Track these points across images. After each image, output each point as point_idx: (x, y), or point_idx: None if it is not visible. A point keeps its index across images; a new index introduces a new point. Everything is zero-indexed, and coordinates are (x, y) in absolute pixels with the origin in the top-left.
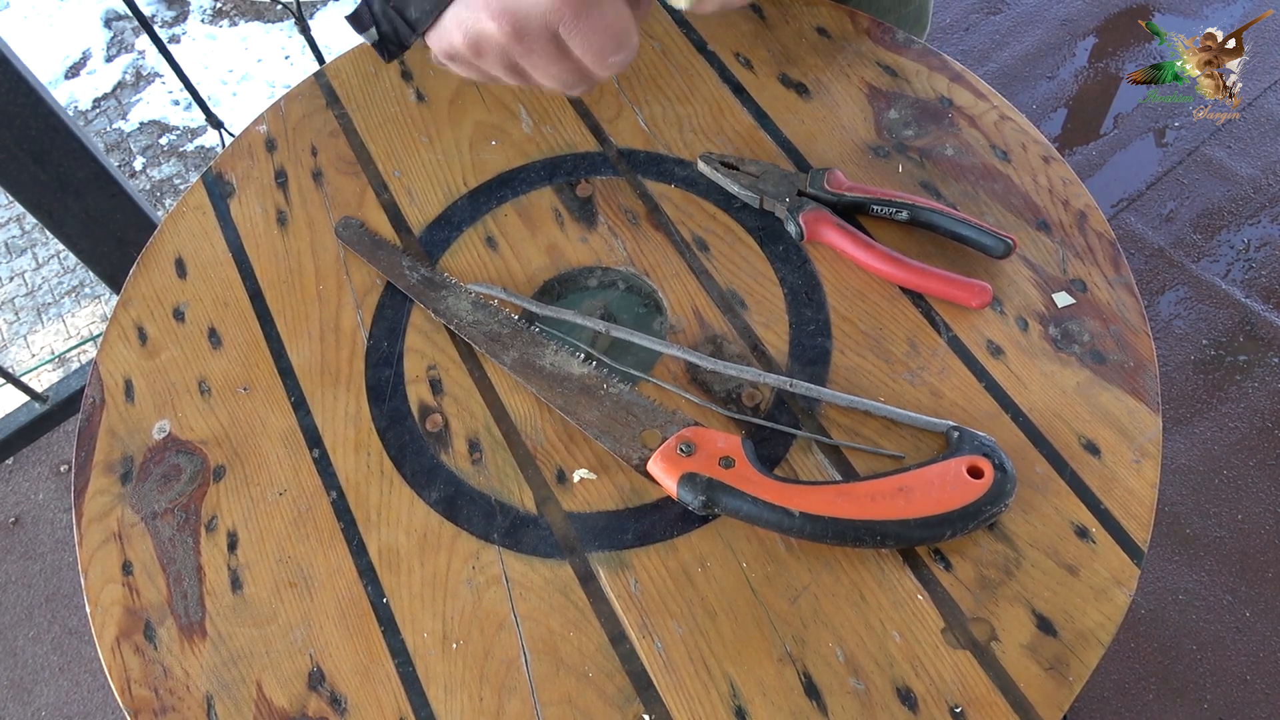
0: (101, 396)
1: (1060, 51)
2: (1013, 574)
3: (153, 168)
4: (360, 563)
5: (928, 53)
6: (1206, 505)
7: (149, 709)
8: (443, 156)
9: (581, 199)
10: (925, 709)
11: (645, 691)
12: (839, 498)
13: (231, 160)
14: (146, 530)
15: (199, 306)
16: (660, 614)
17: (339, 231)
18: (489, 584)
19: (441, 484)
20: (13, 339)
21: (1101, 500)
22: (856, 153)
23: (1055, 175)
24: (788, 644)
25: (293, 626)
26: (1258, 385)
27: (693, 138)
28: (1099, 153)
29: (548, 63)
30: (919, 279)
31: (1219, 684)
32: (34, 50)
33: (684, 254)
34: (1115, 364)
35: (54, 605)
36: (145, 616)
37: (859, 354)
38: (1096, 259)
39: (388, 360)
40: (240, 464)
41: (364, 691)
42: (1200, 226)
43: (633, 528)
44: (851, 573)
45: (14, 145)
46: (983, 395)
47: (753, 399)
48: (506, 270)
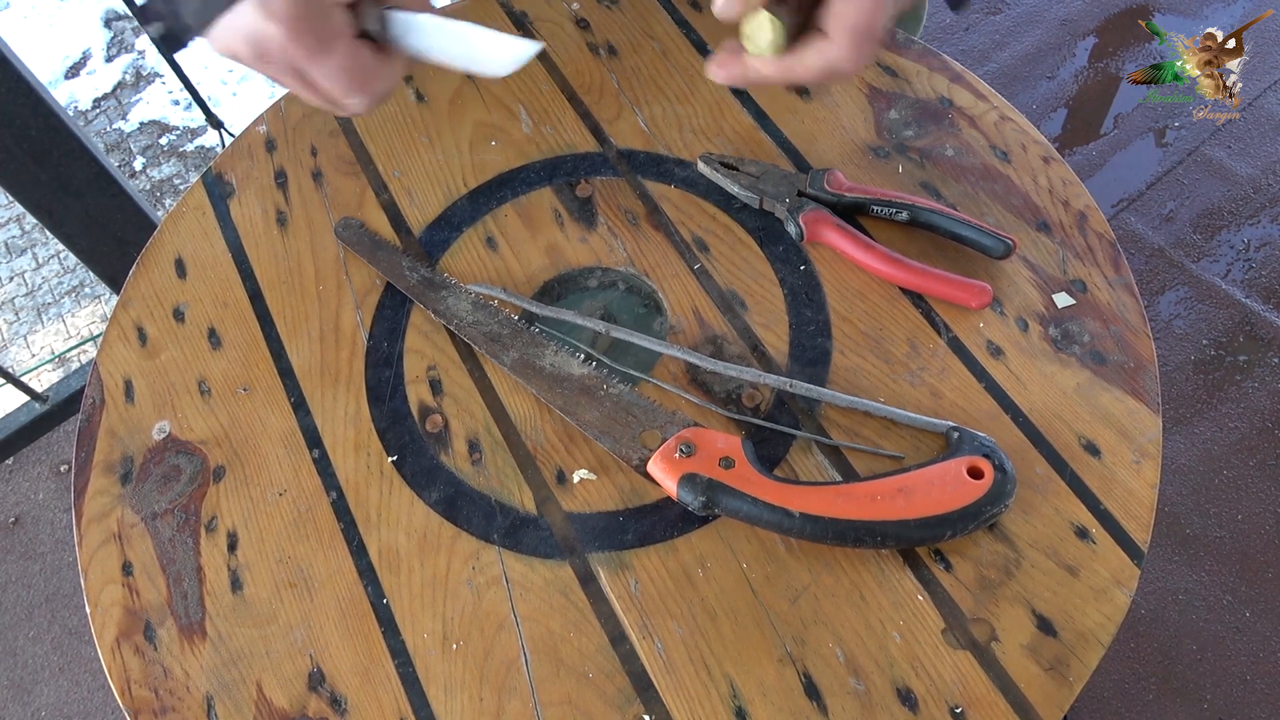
0: (101, 397)
1: (1060, 51)
2: (1013, 574)
3: (153, 168)
4: (360, 563)
5: (928, 53)
6: (1206, 505)
7: (149, 709)
8: (443, 157)
9: (581, 199)
10: (925, 709)
11: (645, 692)
12: (839, 498)
13: (231, 160)
14: (146, 531)
15: (199, 307)
16: (660, 614)
17: (339, 232)
18: (489, 584)
19: (441, 484)
20: (13, 339)
21: (1101, 501)
22: (856, 153)
23: (1055, 176)
24: (788, 644)
25: (293, 627)
26: (1258, 385)
27: (693, 138)
28: (1099, 153)
29: (299, 88)
30: (919, 279)
31: (1219, 684)
32: (34, 50)
33: (684, 254)
34: (1115, 364)
35: (54, 605)
36: (145, 617)
37: (859, 354)
38: (1096, 259)
39: (388, 361)
40: (240, 464)
41: (364, 692)
42: (1200, 226)
43: (633, 528)
44: (851, 573)
45: (14, 145)
46: (983, 396)
47: (753, 399)
48: (506, 270)
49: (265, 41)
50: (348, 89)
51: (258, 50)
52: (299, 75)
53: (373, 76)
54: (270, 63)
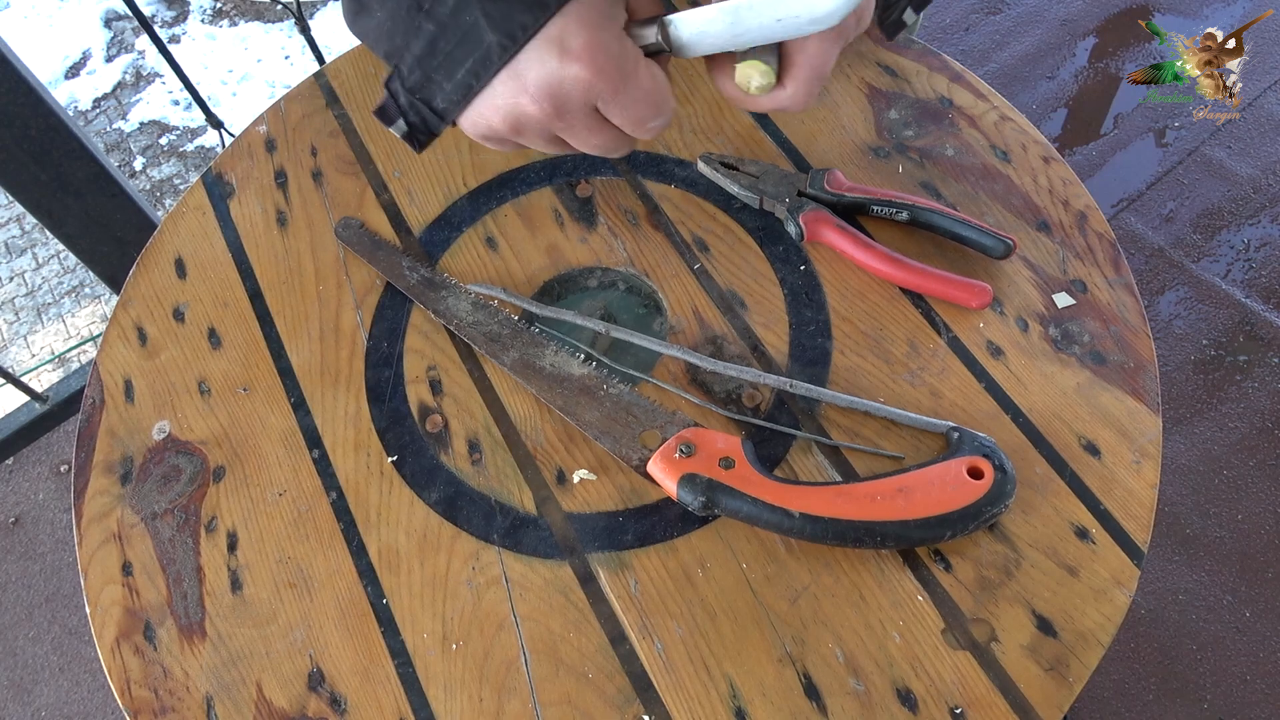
0: (101, 397)
1: (1060, 51)
2: (1013, 574)
3: (153, 168)
4: (360, 563)
5: (928, 53)
6: (1206, 505)
7: (149, 709)
8: (442, 157)
9: (581, 199)
10: (925, 710)
11: (645, 692)
12: (839, 498)
13: (231, 160)
14: (146, 531)
15: (199, 307)
16: (660, 614)
17: (339, 232)
18: (489, 584)
19: (441, 484)
20: (13, 339)
21: (1101, 501)
22: (856, 153)
23: (1055, 175)
24: (787, 644)
25: (292, 627)
26: (1258, 385)
27: (693, 138)
28: (1099, 153)
29: (589, 135)
30: (919, 279)
31: (1219, 684)
32: (34, 50)
33: (684, 254)
34: (1115, 365)
35: (54, 605)
36: (145, 617)
37: (859, 354)
38: (1096, 259)
39: (387, 361)
40: (240, 464)
41: (364, 692)
42: (1200, 226)
43: (632, 528)
44: (851, 573)
45: (14, 145)
46: (982, 396)
47: (753, 400)
48: (506, 271)
49: (564, 85)
50: (656, 111)
51: (555, 101)
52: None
53: (668, 93)
54: (566, 113)
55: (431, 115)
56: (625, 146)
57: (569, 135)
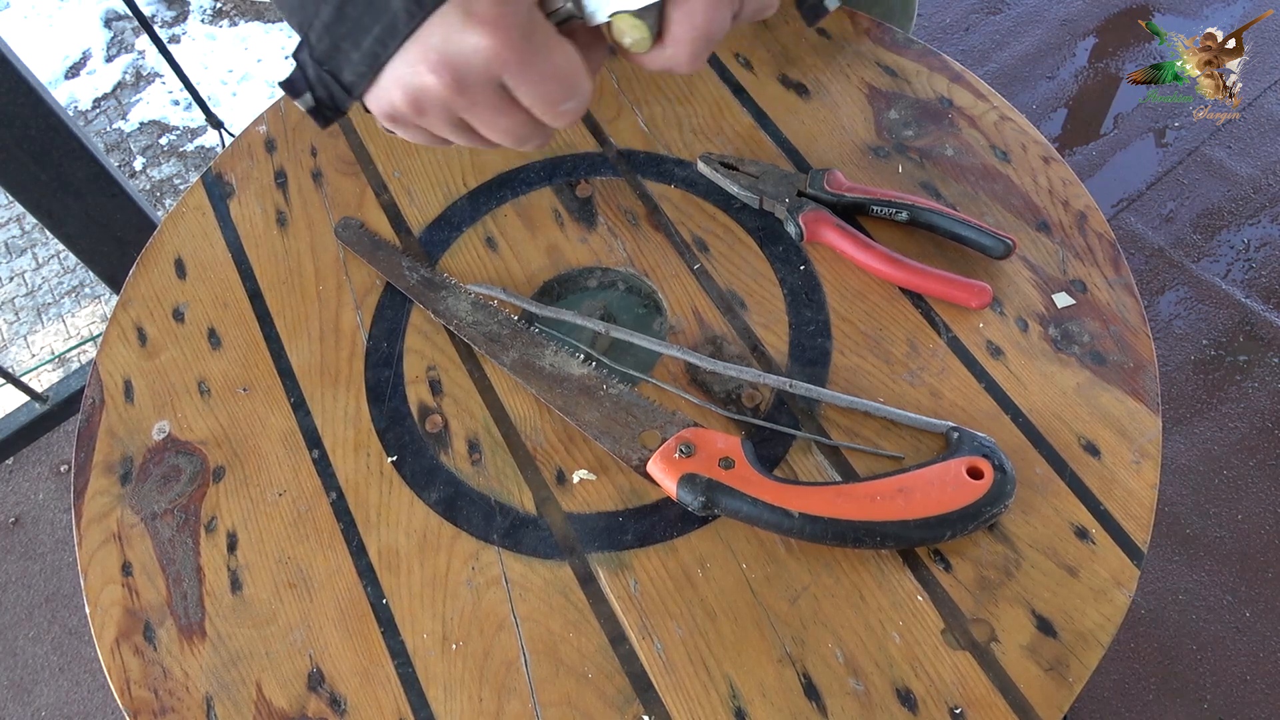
0: (101, 397)
1: (1060, 51)
2: (1012, 575)
3: (153, 168)
4: (360, 563)
5: (928, 53)
6: (1206, 505)
7: (148, 710)
8: (442, 157)
9: (581, 199)
10: (925, 710)
11: (645, 693)
12: (839, 498)
13: (231, 160)
14: (146, 531)
15: (199, 307)
16: (660, 615)
17: (339, 232)
18: (488, 585)
19: (441, 484)
20: (13, 339)
21: (1101, 501)
22: (856, 153)
23: (1055, 176)
24: (787, 645)
25: (292, 627)
26: (1258, 385)
27: (692, 138)
28: (1099, 153)
29: (494, 115)
30: (919, 279)
31: (1219, 684)
32: (34, 50)
33: (684, 254)
34: (1115, 365)
35: (54, 605)
36: (145, 617)
37: (859, 354)
38: (1096, 259)
39: (387, 361)
40: (240, 465)
41: (363, 692)
42: (1200, 226)
43: (632, 529)
44: (851, 573)
45: (14, 145)
46: (982, 396)
47: (752, 400)
48: (506, 271)
49: (465, 54)
50: (569, 91)
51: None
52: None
53: (582, 72)
54: (467, 87)
55: (339, 89)
56: (537, 134)
57: (473, 116)
